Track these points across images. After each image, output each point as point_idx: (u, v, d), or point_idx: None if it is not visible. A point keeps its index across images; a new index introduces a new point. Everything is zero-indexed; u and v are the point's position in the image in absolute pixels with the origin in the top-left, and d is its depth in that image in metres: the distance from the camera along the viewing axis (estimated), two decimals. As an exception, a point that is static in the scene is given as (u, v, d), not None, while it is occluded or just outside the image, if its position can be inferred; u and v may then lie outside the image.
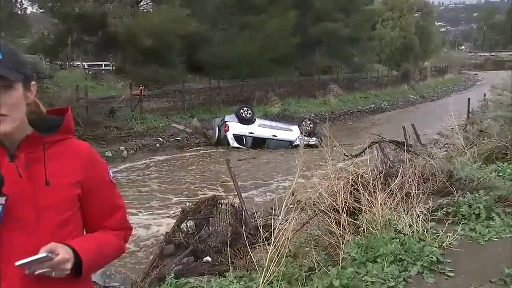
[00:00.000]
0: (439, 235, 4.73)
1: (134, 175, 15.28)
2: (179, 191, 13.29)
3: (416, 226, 4.83)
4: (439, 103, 36.57)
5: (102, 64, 29.60)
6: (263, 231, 5.34)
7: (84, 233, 1.85)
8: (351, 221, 5.12)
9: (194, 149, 19.74)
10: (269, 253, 4.25)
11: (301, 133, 18.88)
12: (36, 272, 1.54)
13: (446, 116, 14.89)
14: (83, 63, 29.08)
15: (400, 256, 4.34)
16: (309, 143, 18.32)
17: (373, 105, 34.26)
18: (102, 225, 1.85)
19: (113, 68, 27.69)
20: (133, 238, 9.08)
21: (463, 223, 5.17)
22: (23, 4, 26.24)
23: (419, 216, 4.96)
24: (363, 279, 3.99)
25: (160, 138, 19.85)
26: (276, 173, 15.25)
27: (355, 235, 4.87)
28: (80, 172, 1.76)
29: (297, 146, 18.20)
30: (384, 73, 43.07)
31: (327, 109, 29.75)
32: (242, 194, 8.07)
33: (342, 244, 4.69)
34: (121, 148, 17.89)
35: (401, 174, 5.85)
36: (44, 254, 1.54)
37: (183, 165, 17.03)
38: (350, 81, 36.83)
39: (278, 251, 4.26)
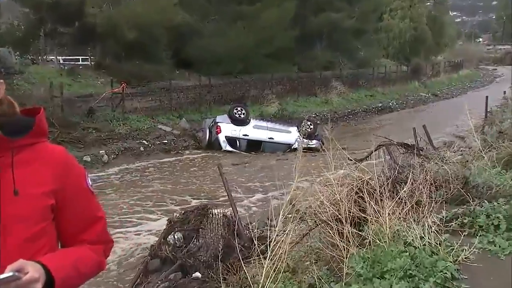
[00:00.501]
0: (453, 248, 4.72)
1: (115, 182, 15.26)
2: (166, 200, 13.29)
3: (428, 238, 4.82)
4: (454, 102, 36.73)
5: (79, 59, 29.57)
6: (258, 244, 5.33)
7: (59, 247, 1.82)
8: (355, 233, 5.12)
9: (182, 153, 19.80)
10: (265, 268, 4.25)
11: (301, 135, 18.88)
12: None
13: (462, 116, 14.98)
14: (57, 57, 28.94)
15: (411, 272, 4.31)
16: (309, 146, 18.33)
17: (380, 104, 34.36)
18: (79, 238, 1.83)
19: (92, 63, 27.66)
20: (114, 252, 9.03)
21: (480, 235, 5.12)
22: (-12, -9, 26.31)
23: (431, 227, 4.96)
24: (369, 297, 3.99)
25: (144, 141, 19.85)
26: (273, 180, 15.13)
27: (360, 248, 4.87)
28: (54, 179, 1.73)
29: (296, 149, 18.21)
30: (392, 69, 43.26)
31: (329, 109, 29.78)
32: (235, 202, 8.07)
33: (346, 258, 4.69)
34: (100, 152, 17.86)
35: (411, 180, 5.86)
36: (10, 274, 1.48)
37: (170, 170, 17.03)
38: (355, 77, 36.94)
39: (275, 265, 4.26)
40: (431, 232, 4.91)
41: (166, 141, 20.44)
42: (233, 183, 13.87)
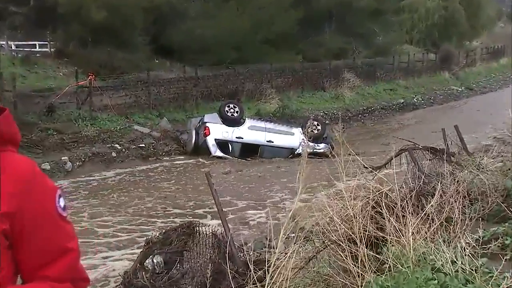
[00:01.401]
0: (493, 276, 4.70)
1: (81, 195, 15.24)
2: (143, 216, 13.31)
3: (461, 262, 4.82)
4: (492, 97, 36.81)
5: (35, 45, 29.31)
6: (255, 269, 5.33)
7: (18, 282, 1.79)
8: (372, 256, 5.12)
9: (163, 159, 19.98)
10: (263, 299, 4.25)
11: (306, 137, 18.91)
12: None
13: (502, 115, 14.99)
14: (9, 42, 28.52)
15: (440, 304, 4.34)
16: (316, 151, 18.36)
17: (401, 100, 34.50)
18: (41, 274, 1.77)
19: (52, 50, 27.55)
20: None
21: (526, 260, 5.16)
22: None
23: (465, 250, 4.95)
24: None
25: (117, 145, 19.85)
26: (273, 191, 15.26)
27: (378, 274, 4.87)
28: (10, 200, 1.69)
29: (300, 154, 18.20)
30: (417, 57, 43.31)
31: (340, 106, 29.90)
32: (227, 219, 8.07)
33: (361, 286, 4.69)
34: (63, 158, 17.88)
35: (439, 192, 5.88)
36: None
37: (148, 180, 17.09)
38: (371, 68, 37.04)
39: (275, 296, 4.26)
40: (465, 255, 4.91)
41: (143, 145, 20.46)
42: (225, 195, 13.83)
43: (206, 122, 20.35)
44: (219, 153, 19.85)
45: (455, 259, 4.89)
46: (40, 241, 1.76)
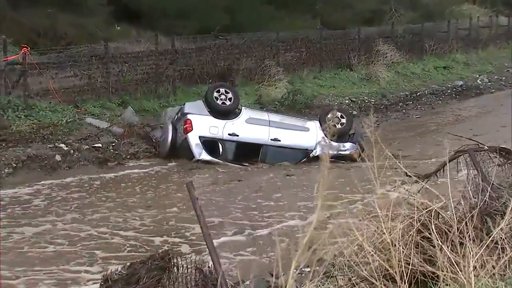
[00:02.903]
0: None
1: (14, 215, 15.08)
2: (99, 243, 13.18)
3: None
4: None
5: None
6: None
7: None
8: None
9: (127, 164, 19.88)
10: None
11: (326, 134, 18.94)
12: None
13: None
14: None
15: None
16: (340, 153, 18.35)
17: (460, 83, 34.48)
18: None
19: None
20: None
21: None
22: None
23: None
24: None
25: (62, 145, 19.77)
26: (280, 209, 15.26)
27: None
28: None
29: (317, 158, 18.22)
30: (483, 22, 43.14)
31: (374, 91, 29.95)
32: (216, 247, 8.10)
33: None
34: (-17, 164, 17.93)
35: (512, 211, 5.90)
36: None
37: (106, 194, 16.87)
38: (417, 37, 37.01)
39: None
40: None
41: (99, 145, 20.40)
42: (214, 213, 13.89)
43: (187, 114, 20.14)
44: (205, 156, 19.66)
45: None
46: None
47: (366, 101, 27.30)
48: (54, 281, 11.51)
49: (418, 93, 31.44)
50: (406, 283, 5.14)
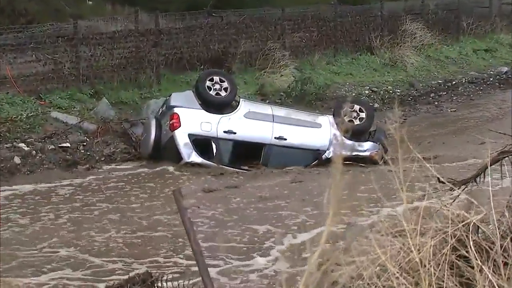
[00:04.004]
0: None
1: None
2: (70, 263, 13.13)
3: None
4: None
5: None
6: None
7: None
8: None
9: (101, 168, 19.82)
10: None
11: (341, 132, 18.99)
12: None
13: None
14: None
15: None
16: (359, 154, 18.50)
17: (505, 69, 34.60)
18: None
19: None
20: None
21: None
22: None
23: None
24: None
25: (22, 145, 19.83)
26: (285, 221, 15.30)
27: None
28: None
29: (330, 160, 18.16)
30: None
31: (399, 79, 30.10)
32: (209, 268, 8.18)
33: None
34: None
35: None
36: None
37: (75, 204, 16.83)
38: (452, 14, 37.21)
39: None
40: None
41: (67, 145, 20.49)
42: (205, 227, 13.99)
43: (174, 107, 20.24)
44: (195, 158, 19.75)
45: None
46: None
47: (390, 91, 27.41)
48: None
49: (454, 82, 31.57)
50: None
